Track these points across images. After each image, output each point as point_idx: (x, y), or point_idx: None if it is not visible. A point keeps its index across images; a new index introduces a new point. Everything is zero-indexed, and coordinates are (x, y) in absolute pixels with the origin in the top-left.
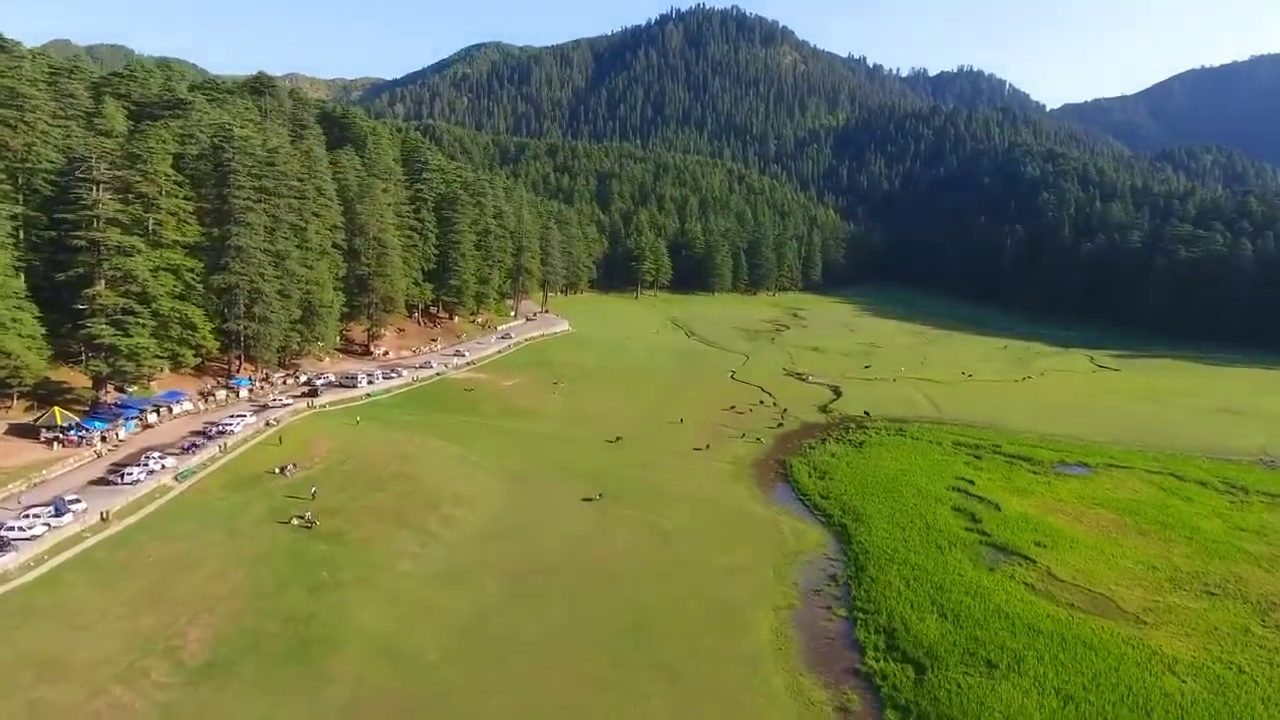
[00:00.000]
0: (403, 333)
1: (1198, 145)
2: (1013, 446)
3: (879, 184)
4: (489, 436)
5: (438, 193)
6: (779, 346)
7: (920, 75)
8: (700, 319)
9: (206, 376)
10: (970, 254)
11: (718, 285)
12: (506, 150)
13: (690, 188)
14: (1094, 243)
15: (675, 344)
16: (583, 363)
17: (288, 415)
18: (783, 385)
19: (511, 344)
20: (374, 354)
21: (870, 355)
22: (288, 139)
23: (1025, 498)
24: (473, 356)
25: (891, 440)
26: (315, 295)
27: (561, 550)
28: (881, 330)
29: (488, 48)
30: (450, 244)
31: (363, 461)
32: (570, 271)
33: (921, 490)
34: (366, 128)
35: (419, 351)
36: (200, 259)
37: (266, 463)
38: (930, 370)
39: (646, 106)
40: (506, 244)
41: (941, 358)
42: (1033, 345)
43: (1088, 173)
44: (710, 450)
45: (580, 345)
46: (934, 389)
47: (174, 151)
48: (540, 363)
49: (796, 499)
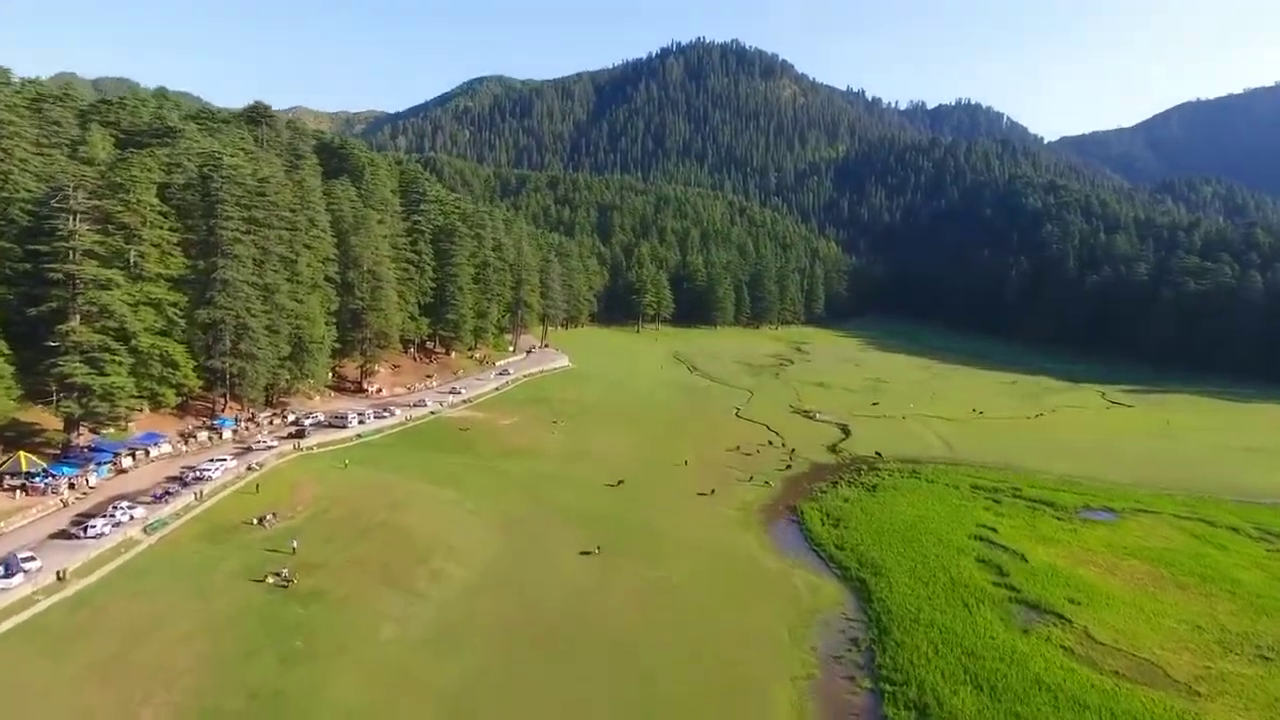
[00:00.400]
0: (398, 369)
1: (1197, 177)
2: (1033, 490)
3: (880, 216)
4: (484, 479)
5: (435, 225)
6: (784, 382)
7: (919, 108)
8: (703, 353)
9: (189, 417)
10: (973, 286)
11: (720, 319)
12: (507, 182)
13: (691, 220)
14: (1100, 275)
15: (678, 379)
16: (583, 399)
17: (272, 458)
18: (790, 423)
19: (510, 380)
20: (367, 391)
21: (877, 391)
22: (282, 169)
23: (1052, 547)
24: (469, 394)
25: (906, 483)
26: (305, 330)
27: (560, 609)
28: (887, 364)
29: (490, 81)
30: (448, 277)
31: (349, 509)
32: (571, 305)
33: (942, 539)
34: (364, 159)
35: (414, 388)
36: (185, 293)
37: (245, 512)
38: (940, 407)
39: (647, 139)
40: (505, 277)
41: (951, 393)
42: (1042, 380)
43: (1090, 205)
44: (717, 495)
45: (581, 381)
46: (945, 427)
47: (160, 180)
48: (539, 399)
49: (810, 549)
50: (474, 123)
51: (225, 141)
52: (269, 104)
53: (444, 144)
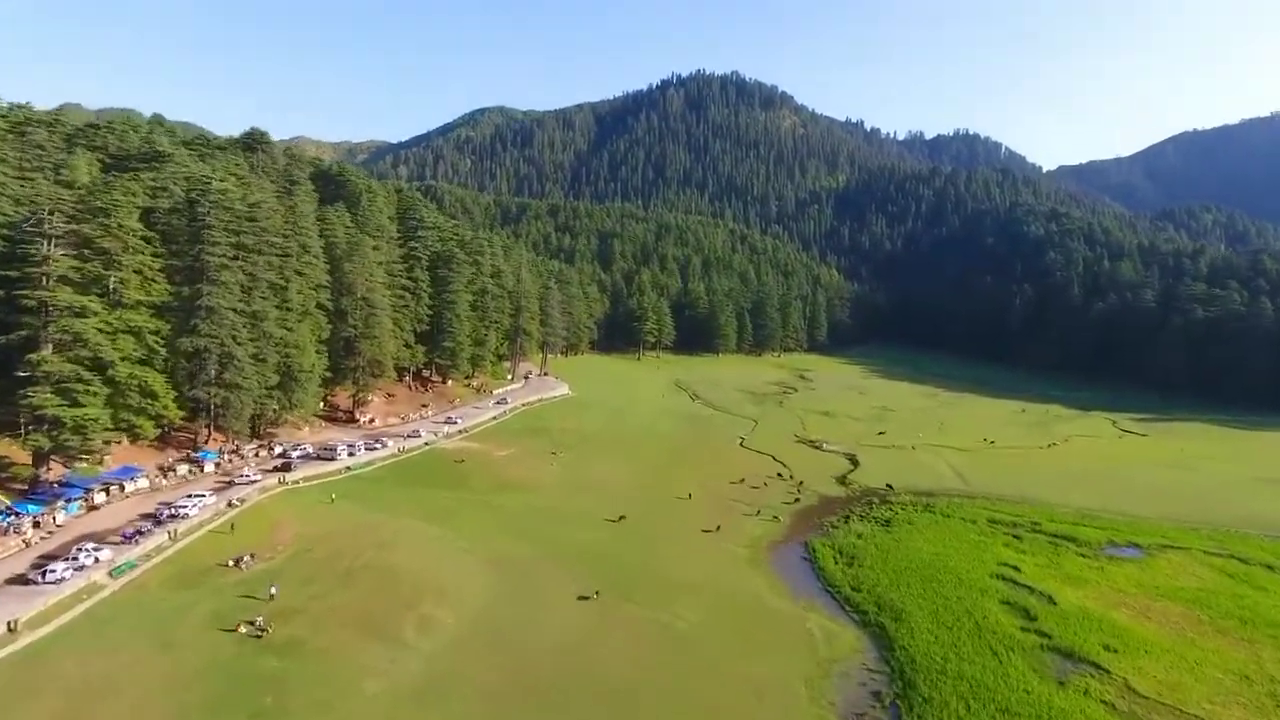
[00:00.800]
0: (392, 398)
1: (1197, 205)
2: (1053, 524)
3: (881, 244)
4: (479, 515)
5: (433, 251)
6: (788, 410)
7: (917, 138)
8: (705, 381)
9: (170, 449)
10: (976, 313)
11: (721, 346)
12: (508, 210)
13: (693, 247)
14: (1105, 302)
15: (680, 408)
16: (583, 429)
17: (255, 493)
18: (796, 454)
19: (508, 409)
20: (359, 421)
21: (884, 420)
22: (274, 195)
23: (1080, 588)
24: (466, 424)
25: (920, 518)
26: (294, 359)
27: (556, 660)
28: (892, 393)
29: (491, 112)
30: (445, 304)
31: (333, 549)
32: (571, 332)
33: (963, 579)
34: (362, 185)
35: (408, 418)
36: (167, 320)
37: (221, 553)
38: (949, 436)
39: (648, 168)
40: (504, 304)
41: (959, 422)
42: (1051, 408)
43: (1093, 232)
44: (723, 531)
45: (581, 410)
46: (957, 457)
47: (144, 205)
48: (538, 430)
49: (823, 590)
50: (475, 152)
51: (216, 167)
52: (266, 130)
53: (445, 173)
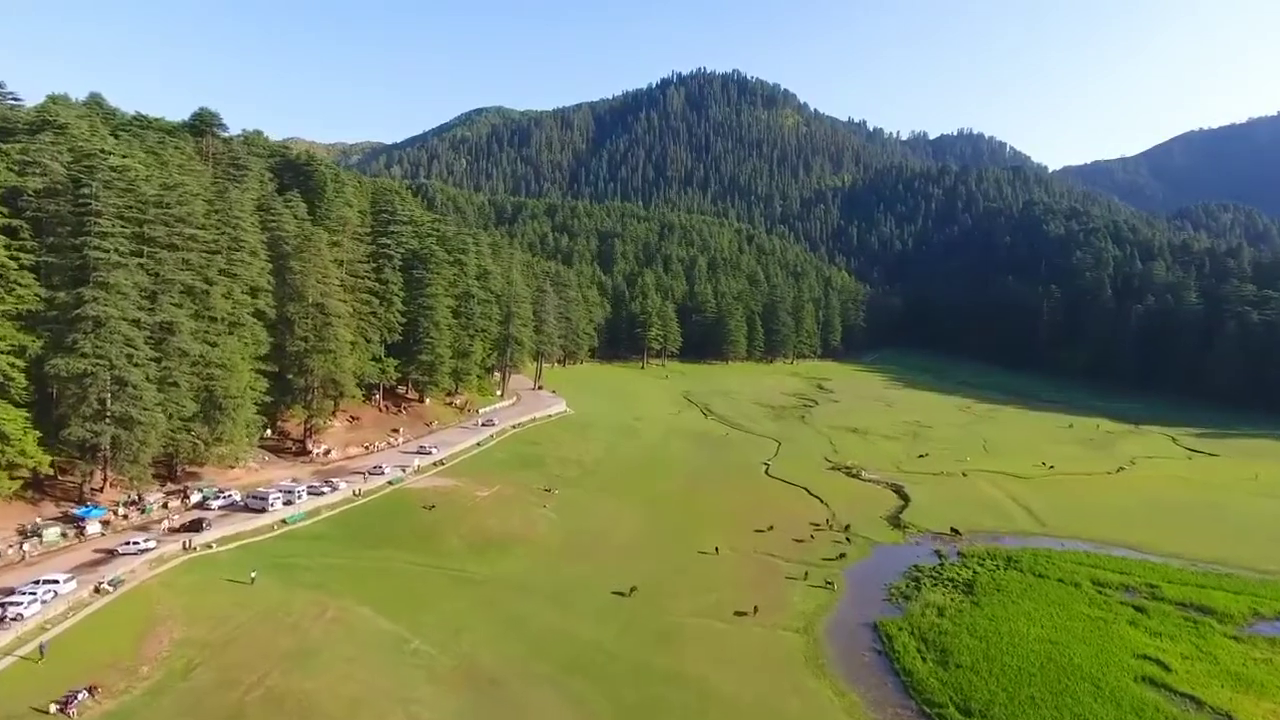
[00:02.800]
0: (356, 422)
1: (1214, 204)
2: (1174, 587)
3: (891, 244)
4: (446, 593)
5: (408, 249)
6: (812, 428)
7: (920, 138)
8: (717, 393)
9: (46, 502)
10: (1000, 317)
11: (731, 353)
12: (503, 209)
13: (698, 248)
14: (1144, 304)
15: (692, 426)
16: (582, 458)
17: (142, 569)
18: (832, 485)
19: (494, 433)
20: (312, 454)
21: (921, 438)
22: (211, 181)
23: (1259, 697)
24: (443, 453)
25: (1008, 578)
26: (219, 381)
27: None
28: (921, 405)
29: (489, 112)
30: (421, 310)
31: (227, 665)
32: (569, 339)
33: (1099, 684)
34: (329, 174)
35: (373, 447)
36: (38, 335)
37: (44, 688)
38: (1000, 459)
39: (648, 168)
40: (492, 310)
41: (1004, 440)
42: (1100, 423)
43: (1119, 231)
44: (763, 611)
45: (580, 431)
46: (1019, 488)
47: (11, 185)
48: (529, 460)
49: (917, 708)
50: (471, 152)
51: (134, 147)
52: (217, 112)
53: (440, 173)
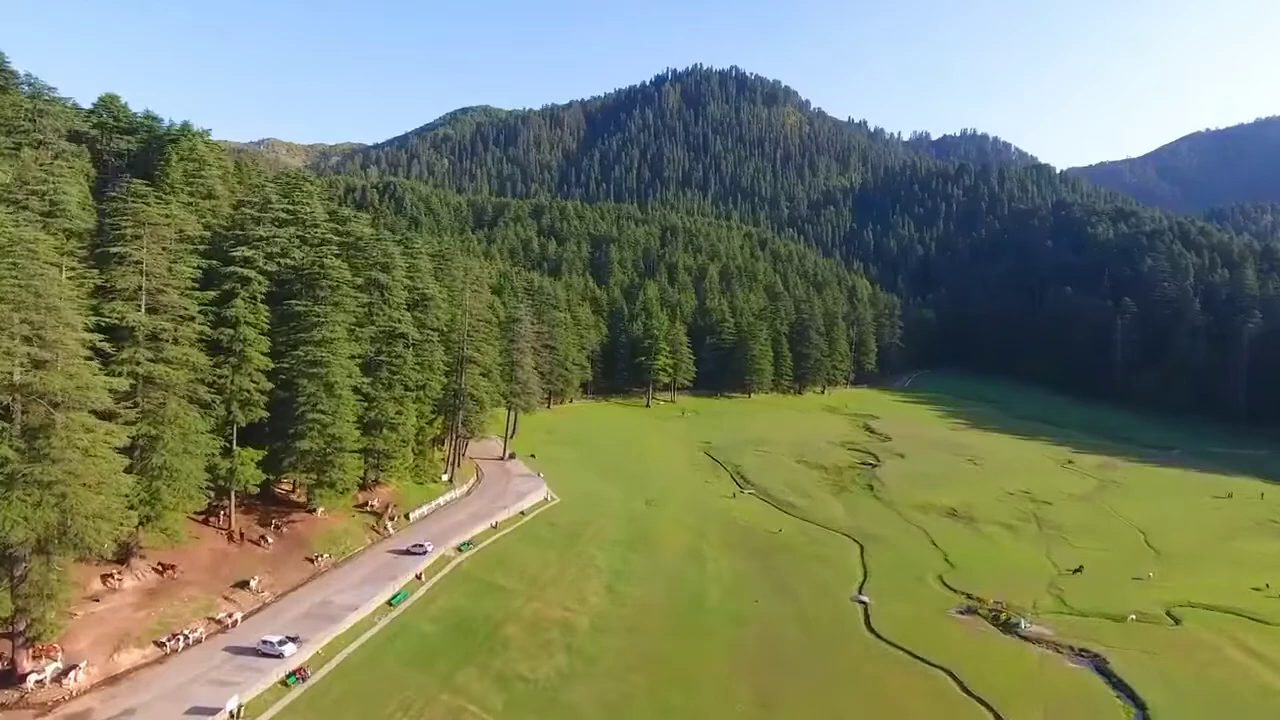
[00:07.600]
0: (169, 574)
1: (1249, 204)
2: None
3: (912, 249)
4: None
5: (289, 264)
6: (893, 509)
7: (923, 138)
8: (747, 444)
9: None
10: (1059, 335)
11: (755, 384)
12: (483, 212)
13: (707, 254)
14: (1253, 321)
15: (726, 510)
16: (571, 617)
17: None
18: (983, 657)
19: (425, 567)
20: (26, 683)
21: (1048, 526)
22: None
23: None
24: (301, 652)
25: None
26: None
27: None
28: (1008, 457)
29: (474, 111)
30: (302, 369)
31: None
32: (554, 375)
33: None
34: (185, 146)
35: (179, 641)
36: None
37: None
38: (1186, 572)
39: (643, 168)
40: (435, 355)
41: (1164, 529)
42: (1264, 489)
43: (1188, 234)
44: None
45: (568, 544)
46: (1271, 646)
47: None
48: (476, 632)
49: None
50: (454, 152)
51: None
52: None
53: (420, 173)
